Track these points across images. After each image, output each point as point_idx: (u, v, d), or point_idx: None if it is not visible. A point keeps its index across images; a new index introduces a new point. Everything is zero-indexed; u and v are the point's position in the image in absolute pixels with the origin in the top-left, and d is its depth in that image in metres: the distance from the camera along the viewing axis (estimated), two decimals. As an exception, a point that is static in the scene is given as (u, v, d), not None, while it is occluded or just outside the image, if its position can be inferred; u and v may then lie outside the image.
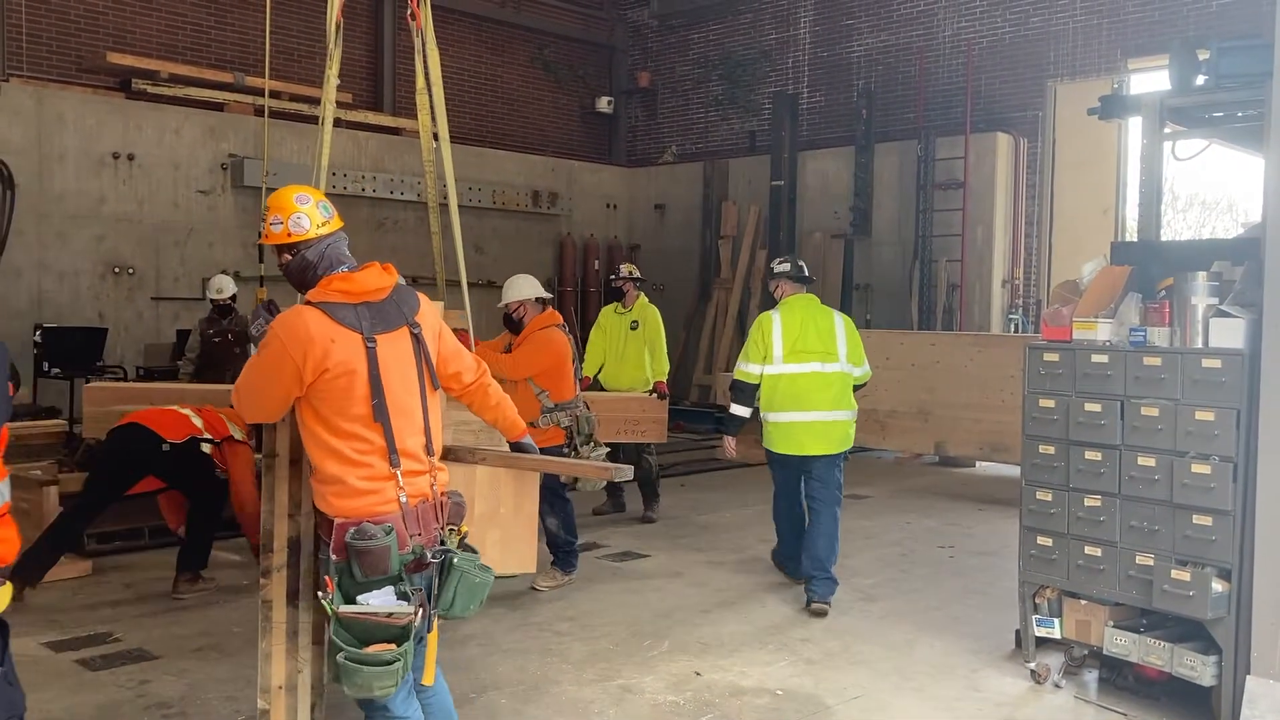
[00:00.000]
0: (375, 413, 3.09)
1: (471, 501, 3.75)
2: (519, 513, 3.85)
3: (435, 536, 3.17)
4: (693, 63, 16.93)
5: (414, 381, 3.20)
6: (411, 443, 3.16)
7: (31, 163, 10.77)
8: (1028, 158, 13.16)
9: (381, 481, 3.10)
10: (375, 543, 2.98)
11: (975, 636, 5.72)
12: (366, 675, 2.93)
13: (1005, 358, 9.96)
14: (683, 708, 4.72)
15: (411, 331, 3.23)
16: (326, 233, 3.27)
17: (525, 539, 3.86)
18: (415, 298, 3.33)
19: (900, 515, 8.94)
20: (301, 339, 3.07)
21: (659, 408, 8.29)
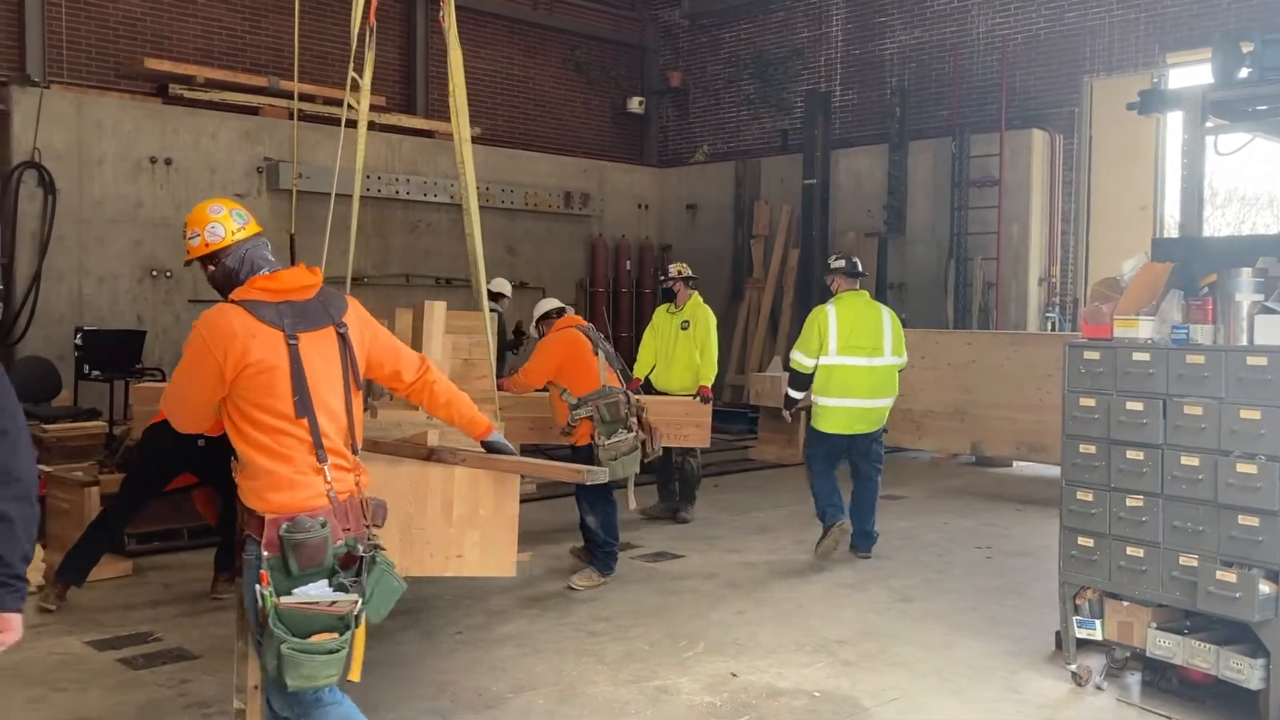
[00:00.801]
0: (298, 409, 3.11)
1: (450, 503, 3.75)
2: (499, 514, 3.80)
3: (364, 532, 3.20)
4: (724, 62, 16.89)
5: (338, 380, 3.22)
6: (335, 440, 3.19)
7: (72, 168, 10.91)
8: (1063, 154, 13.02)
9: (310, 475, 3.12)
10: (312, 535, 3.02)
11: (1014, 638, 5.66)
12: (314, 665, 2.94)
13: (1042, 356, 9.87)
14: (719, 709, 4.69)
15: (338, 331, 3.24)
16: (243, 238, 3.32)
17: (505, 541, 3.81)
18: (341, 299, 3.34)
19: (937, 516, 8.87)
20: (224, 335, 3.10)
21: (702, 412, 8.11)
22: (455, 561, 3.81)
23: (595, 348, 6.67)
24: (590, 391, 6.50)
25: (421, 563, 3.73)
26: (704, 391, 8.17)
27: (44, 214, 10.70)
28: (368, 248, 13.02)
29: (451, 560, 3.81)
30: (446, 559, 3.79)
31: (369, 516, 3.24)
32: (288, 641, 2.92)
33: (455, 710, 4.63)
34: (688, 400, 8.15)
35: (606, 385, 6.54)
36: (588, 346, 6.63)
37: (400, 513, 3.69)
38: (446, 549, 3.78)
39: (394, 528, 3.67)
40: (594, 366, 6.56)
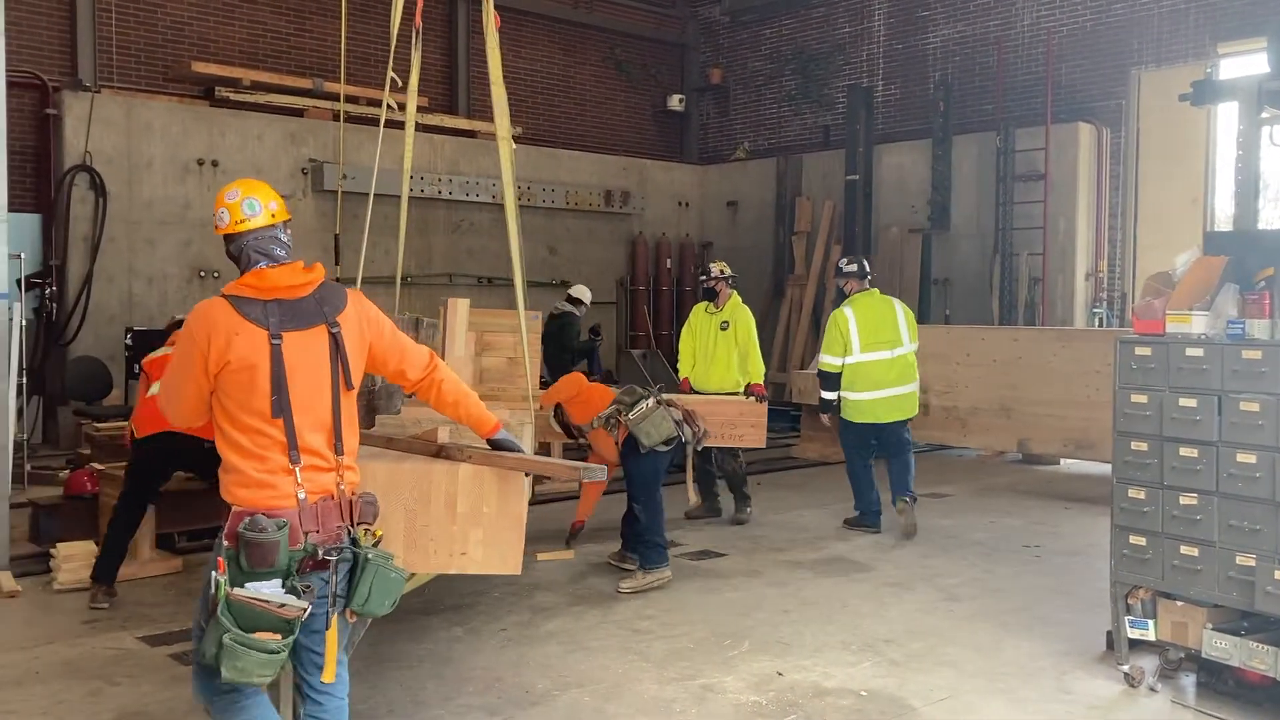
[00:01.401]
0: (274, 408, 3.09)
1: (454, 500, 3.72)
2: (503, 512, 3.76)
3: (337, 534, 3.15)
4: (765, 58, 16.83)
5: (323, 380, 3.18)
6: (315, 440, 3.15)
7: (121, 171, 11.08)
8: (1111, 147, 12.85)
9: (280, 476, 3.10)
10: (264, 536, 2.99)
11: (1064, 638, 5.59)
12: (250, 660, 2.92)
13: (1090, 352, 9.75)
14: (765, 708, 4.67)
15: (329, 330, 3.19)
16: (248, 228, 3.25)
17: (510, 540, 3.77)
18: (342, 297, 3.28)
19: (983, 514, 8.78)
20: (206, 329, 3.11)
21: (757, 411, 7.99)
22: (459, 559, 3.78)
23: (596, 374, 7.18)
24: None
25: (426, 560, 3.72)
26: (758, 390, 8.06)
27: (95, 216, 10.89)
28: (410, 248, 13.09)
29: (455, 558, 3.78)
30: (450, 556, 3.77)
31: (354, 516, 3.20)
32: (231, 632, 2.91)
33: (503, 707, 4.64)
34: (742, 400, 8.03)
35: None
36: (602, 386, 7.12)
37: (404, 510, 3.69)
38: (450, 546, 3.76)
39: (398, 525, 3.67)
40: (600, 388, 6.99)
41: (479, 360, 6.66)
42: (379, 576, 3.13)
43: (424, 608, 6.02)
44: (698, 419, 6.84)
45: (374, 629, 5.56)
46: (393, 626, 5.67)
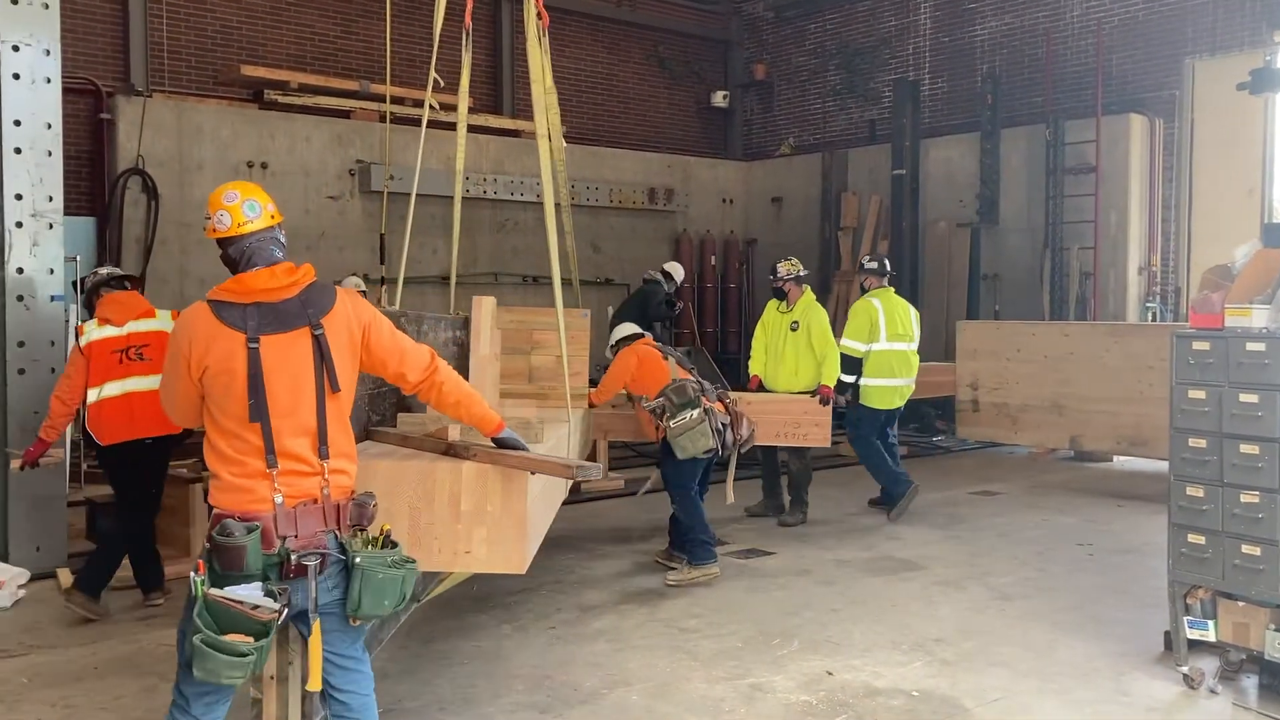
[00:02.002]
0: (251, 412, 3.06)
1: (457, 499, 3.71)
2: (507, 511, 3.73)
3: (318, 539, 3.10)
4: (809, 53, 16.73)
5: (305, 383, 3.14)
6: (295, 444, 3.11)
7: (173, 174, 11.24)
8: (1163, 139, 12.61)
9: (255, 480, 3.08)
10: (231, 540, 2.97)
11: (1120, 638, 5.50)
12: (218, 662, 2.89)
13: (1144, 348, 9.59)
14: (815, 708, 4.64)
15: (313, 333, 3.15)
16: (250, 230, 3.22)
17: (514, 539, 3.73)
18: (329, 298, 3.24)
19: (1035, 512, 8.66)
20: (188, 334, 3.12)
21: (821, 412, 7.86)
22: (464, 558, 3.77)
23: (665, 356, 6.92)
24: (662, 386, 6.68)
25: (430, 558, 3.71)
26: (824, 392, 7.91)
27: (148, 219, 11.05)
28: (459, 246, 13.18)
29: (460, 556, 3.77)
30: (455, 555, 3.75)
31: (341, 519, 3.17)
32: (202, 634, 2.91)
33: (553, 704, 4.65)
34: (805, 399, 7.94)
35: (677, 378, 6.68)
36: (656, 356, 6.89)
37: (409, 508, 3.69)
38: (454, 545, 3.74)
39: (403, 523, 3.68)
40: (665, 369, 6.76)
41: (529, 358, 6.66)
42: (367, 579, 3.08)
43: (474, 605, 6.06)
44: (744, 422, 6.82)
45: (425, 626, 5.61)
46: (444, 624, 5.71)
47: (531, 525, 3.85)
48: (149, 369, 5.75)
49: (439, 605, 6.02)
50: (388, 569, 3.10)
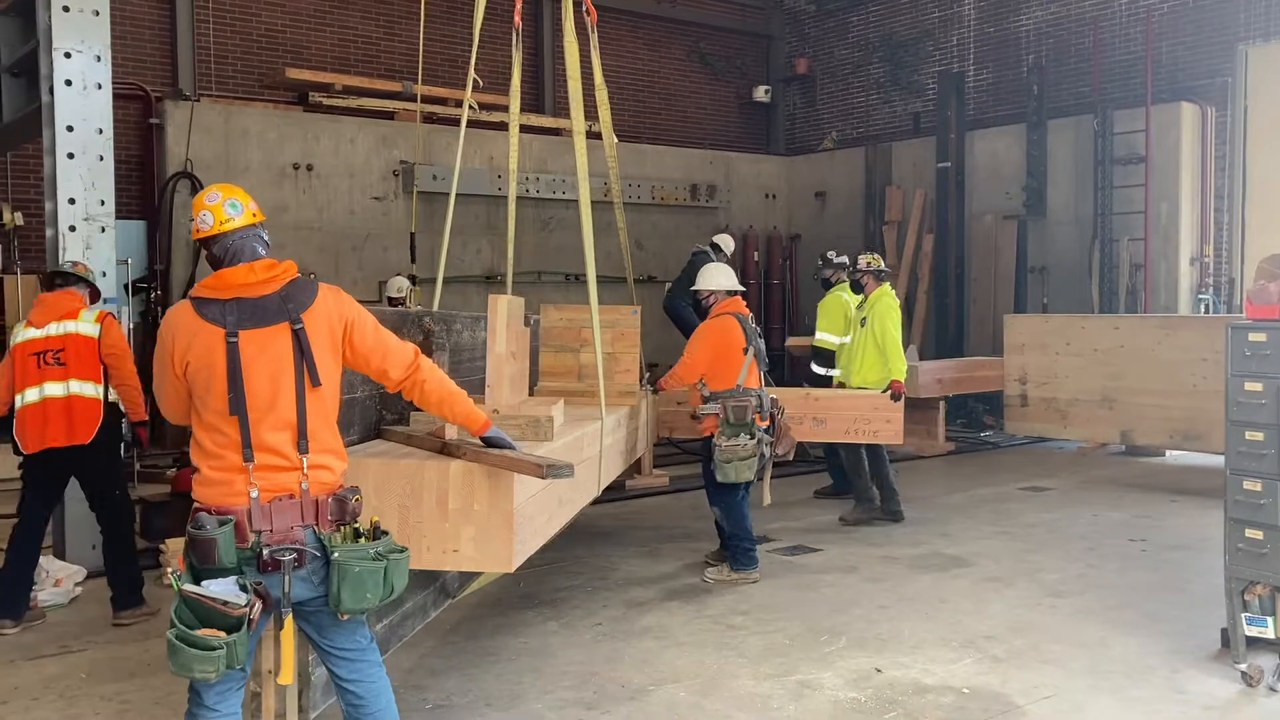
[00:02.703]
0: (231, 405, 3.09)
1: (445, 497, 3.72)
2: (494, 510, 3.74)
3: (294, 534, 3.09)
4: (852, 46, 16.61)
5: (285, 378, 3.15)
6: (274, 438, 3.12)
7: (220, 176, 11.39)
8: (1215, 127, 12.38)
9: (232, 474, 3.09)
10: (202, 533, 3.00)
11: (1174, 635, 5.40)
12: (188, 656, 2.91)
13: (1196, 340, 9.44)
14: (864, 705, 4.61)
15: (292, 328, 3.17)
16: (232, 228, 3.25)
17: (502, 538, 3.74)
18: (310, 294, 3.24)
19: (1085, 508, 8.54)
20: (171, 331, 3.18)
21: (891, 408, 7.71)
22: (452, 556, 3.80)
23: (747, 343, 6.55)
24: (724, 389, 6.46)
25: (419, 556, 3.74)
26: (895, 387, 7.74)
27: (197, 222, 11.20)
28: (500, 246, 13.23)
29: (448, 555, 3.80)
30: (443, 553, 3.79)
31: (321, 514, 3.15)
32: (176, 628, 2.94)
33: (600, 701, 4.66)
34: (876, 395, 7.80)
35: (741, 386, 6.47)
36: (739, 342, 6.53)
37: (399, 506, 3.72)
38: (443, 543, 3.78)
39: (393, 521, 3.71)
40: (737, 365, 6.49)
41: (579, 356, 6.68)
42: (345, 574, 3.07)
43: (520, 602, 6.08)
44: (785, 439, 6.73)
45: (472, 623, 5.65)
46: (491, 621, 5.74)
47: (522, 524, 3.85)
48: (64, 374, 5.53)
49: (486, 603, 6.06)
50: (366, 562, 3.09)
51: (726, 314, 6.63)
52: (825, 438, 7.93)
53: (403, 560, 3.18)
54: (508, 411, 4.58)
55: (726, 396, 6.41)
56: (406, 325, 5.32)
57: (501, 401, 4.72)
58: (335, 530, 3.16)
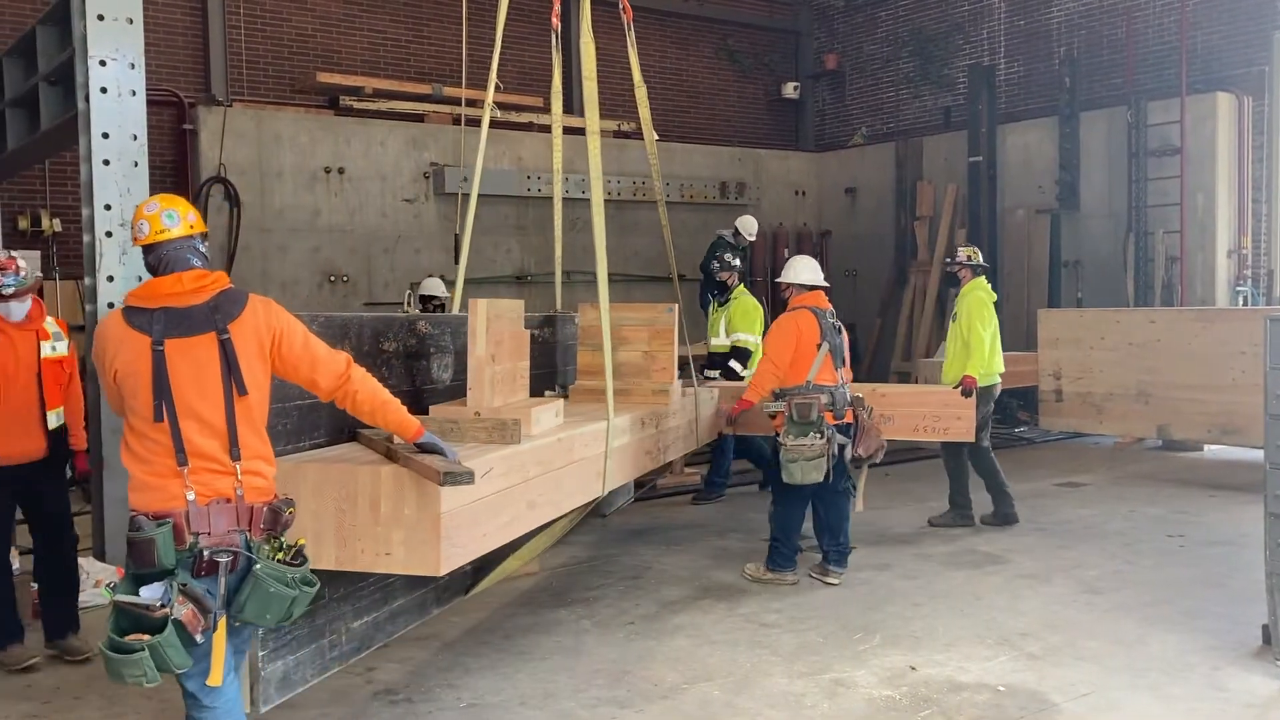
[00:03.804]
0: (155, 412, 3.16)
1: (377, 502, 3.78)
2: (423, 515, 3.79)
3: (230, 538, 3.16)
4: (881, 41, 16.52)
5: (212, 386, 3.22)
6: (206, 444, 3.19)
7: (253, 181, 11.50)
8: (1253, 117, 12.20)
9: (167, 479, 3.16)
10: (140, 535, 3.08)
11: (1214, 632, 5.34)
12: (114, 663, 2.98)
13: (1234, 333, 9.32)
14: (899, 703, 4.59)
15: (219, 339, 3.23)
16: (167, 239, 3.32)
17: (430, 542, 3.79)
18: (239, 304, 3.31)
19: (1122, 503, 8.46)
20: (102, 340, 3.29)
21: (962, 404, 7.35)
22: (384, 559, 3.86)
23: (822, 338, 6.34)
24: (794, 385, 6.28)
25: (355, 559, 3.81)
26: (966, 382, 7.41)
27: (230, 226, 11.33)
28: (529, 246, 13.29)
29: (381, 558, 3.86)
30: (376, 556, 3.85)
31: (254, 521, 3.22)
32: (106, 638, 3.01)
33: (633, 699, 4.67)
34: (946, 391, 7.54)
35: (810, 383, 6.26)
36: (814, 338, 6.34)
37: (336, 509, 3.78)
38: (376, 546, 3.84)
39: (330, 523, 3.78)
40: (808, 362, 6.30)
41: (616, 354, 6.69)
42: (257, 588, 3.13)
43: (553, 601, 6.10)
44: (869, 437, 6.43)
45: (506, 623, 5.68)
46: (524, 620, 5.76)
47: (455, 529, 3.90)
48: None
49: (519, 602, 6.09)
50: (282, 585, 3.18)
51: (803, 308, 6.47)
52: (893, 435, 7.44)
53: (309, 593, 3.27)
54: (488, 414, 4.67)
55: (793, 394, 6.25)
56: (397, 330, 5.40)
57: (482, 404, 4.80)
58: (265, 539, 3.25)
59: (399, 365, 5.47)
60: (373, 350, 5.31)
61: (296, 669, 4.63)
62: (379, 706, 4.66)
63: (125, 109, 5.92)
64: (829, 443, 6.12)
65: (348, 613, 5.09)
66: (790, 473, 6.11)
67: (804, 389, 6.25)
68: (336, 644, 5.04)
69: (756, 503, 8.67)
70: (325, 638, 4.95)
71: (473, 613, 5.90)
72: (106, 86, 5.47)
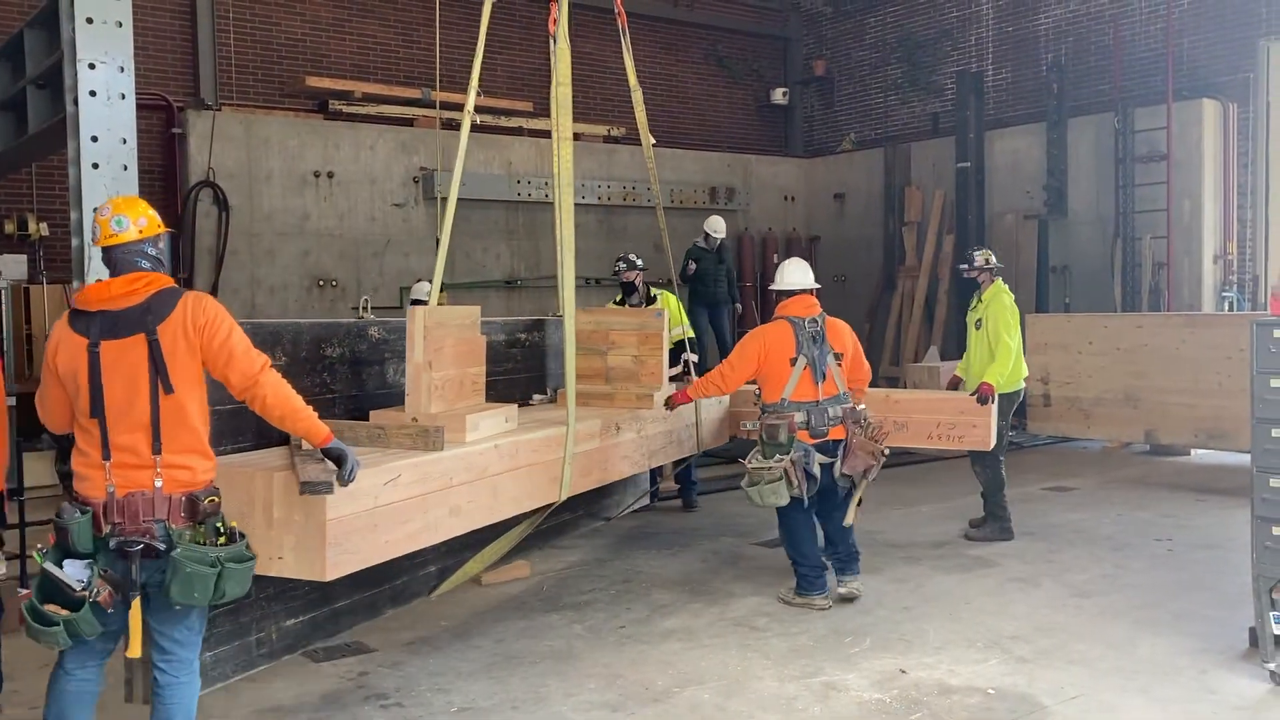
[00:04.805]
0: (91, 409, 3.42)
1: (270, 507, 3.92)
2: (310, 521, 3.89)
3: (144, 527, 3.38)
4: (869, 47, 16.58)
5: (140, 385, 3.41)
6: (131, 439, 3.41)
7: (242, 185, 11.48)
8: (1238, 124, 12.28)
9: (94, 470, 3.43)
10: (60, 521, 3.39)
11: (1202, 635, 5.37)
12: (34, 629, 3.33)
13: (1220, 338, 9.38)
14: (890, 706, 4.60)
15: (148, 339, 3.42)
16: (116, 243, 3.55)
17: (316, 548, 3.90)
18: (170, 305, 3.48)
19: (1111, 507, 8.49)
20: (51, 343, 3.53)
21: (978, 412, 6.99)
22: (277, 563, 3.97)
23: (798, 352, 5.93)
24: (769, 403, 5.96)
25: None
26: (983, 389, 7.03)
27: (219, 230, 11.30)
28: (519, 251, 13.29)
29: (274, 561, 3.96)
30: (270, 560, 3.95)
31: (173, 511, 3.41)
32: (29, 600, 3.34)
33: (624, 703, 4.66)
34: (961, 398, 7.19)
35: (785, 400, 5.89)
36: (787, 352, 5.94)
37: (239, 513, 3.85)
38: (269, 550, 3.94)
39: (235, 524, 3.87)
40: (783, 378, 5.93)
41: (606, 358, 6.69)
42: (176, 570, 3.34)
43: (544, 606, 6.09)
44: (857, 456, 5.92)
45: (497, 627, 5.67)
46: (516, 624, 5.75)
47: (344, 536, 3.98)
48: None
49: (510, 606, 6.08)
50: (199, 565, 3.37)
51: (780, 318, 6.07)
52: (907, 442, 7.31)
53: (240, 569, 3.47)
54: (425, 420, 4.78)
55: (768, 412, 5.91)
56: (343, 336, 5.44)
57: (419, 410, 4.84)
58: (189, 526, 3.44)
59: (344, 371, 5.52)
60: (312, 356, 5.35)
61: (216, 665, 4.76)
62: (370, 711, 4.65)
63: (114, 112, 5.90)
64: (794, 465, 5.71)
65: (279, 611, 5.13)
66: (749, 496, 5.77)
67: (778, 407, 5.89)
68: (266, 641, 5.09)
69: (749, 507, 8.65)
70: (252, 635, 5.00)
71: (463, 617, 5.89)
72: (95, 90, 5.46)
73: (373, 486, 4.17)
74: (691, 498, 8.74)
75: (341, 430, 4.76)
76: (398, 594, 5.99)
